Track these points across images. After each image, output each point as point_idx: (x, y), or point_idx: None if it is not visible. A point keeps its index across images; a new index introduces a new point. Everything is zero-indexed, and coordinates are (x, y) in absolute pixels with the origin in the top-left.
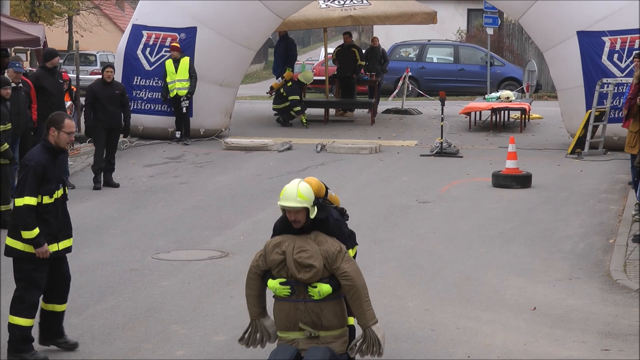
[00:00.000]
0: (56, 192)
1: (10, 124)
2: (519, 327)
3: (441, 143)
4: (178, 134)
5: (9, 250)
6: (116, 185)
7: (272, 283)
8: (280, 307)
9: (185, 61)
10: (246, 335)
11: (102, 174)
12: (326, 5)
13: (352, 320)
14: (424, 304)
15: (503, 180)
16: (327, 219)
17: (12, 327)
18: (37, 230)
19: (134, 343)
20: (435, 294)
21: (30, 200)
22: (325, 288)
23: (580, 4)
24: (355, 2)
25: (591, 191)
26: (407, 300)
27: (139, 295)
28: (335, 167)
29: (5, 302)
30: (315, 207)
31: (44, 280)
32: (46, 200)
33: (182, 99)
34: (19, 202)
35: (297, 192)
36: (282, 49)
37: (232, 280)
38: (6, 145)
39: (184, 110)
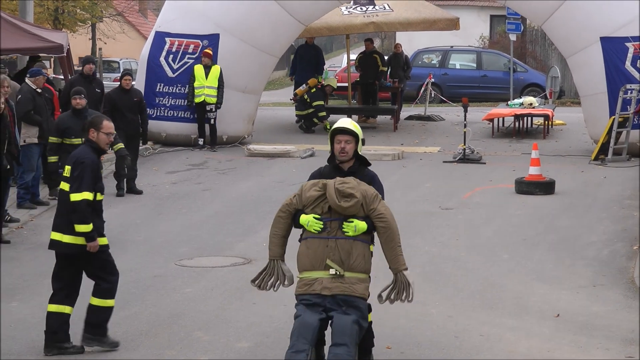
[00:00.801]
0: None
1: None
2: (542, 333)
3: (464, 149)
4: (201, 141)
5: (70, 247)
6: (139, 192)
7: (304, 217)
8: (308, 245)
9: (216, 69)
10: (259, 278)
11: (125, 180)
12: (348, 11)
13: (370, 317)
14: (447, 310)
15: (526, 187)
16: (367, 167)
17: (106, 310)
18: (92, 225)
19: (157, 350)
20: (459, 300)
21: (88, 195)
22: (361, 224)
23: (603, 9)
24: (377, 8)
25: (615, 197)
26: (430, 306)
27: (162, 302)
28: None
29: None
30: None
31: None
32: (99, 197)
33: (209, 109)
34: (78, 196)
35: (351, 122)
36: (312, 56)
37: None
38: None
39: (212, 121)
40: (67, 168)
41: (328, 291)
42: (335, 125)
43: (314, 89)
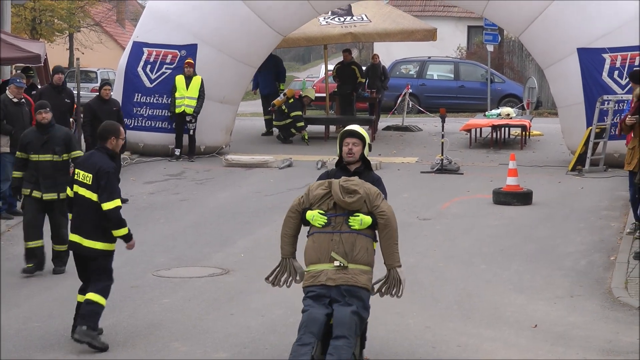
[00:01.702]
0: None
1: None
2: (519, 344)
3: (442, 160)
4: (177, 152)
5: (90, 251)
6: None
7: (310, 213)
8: (314, 239)
9: (197, 80)
10: (273, 274)
11: None
12: (326, 22)
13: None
14: (425, 321)
15: (504, 197)
16: (371, 170)
17: (99, 306)
18: (127, 228)
19: None
20: (436, 311)
21: (119, 202)
22: (366, 218)
23: (580, 21)
24: (355, 19)
25: (592, 208)
26: (407, 317)
27: (139, 312)
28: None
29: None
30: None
31: None
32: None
33: (188, 119)
34: (111, 204)
35: (359, 127)
36: (271, 65)
37: (232, 298)
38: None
39: (191, 132)
40: (83, 174)
41: (332, 282)
42: (344, 129)
43: (292, 100)
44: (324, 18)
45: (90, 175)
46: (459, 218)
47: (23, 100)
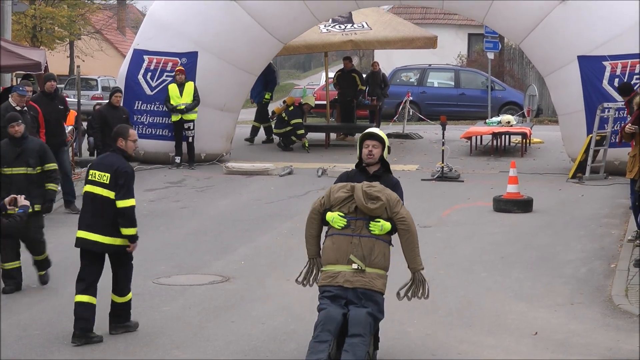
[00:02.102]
0: None
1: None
2: (520, 352)
3: (442, 167)
4: (178, 159)
5: (108, 247)
6: None
7: (330, 214)
8: (334, 241)
9: (190, 85)
10: (302, 275)
11: None
12: (327, 29)
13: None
14: (425, 328)
15: (504, 205)
16: (390, 172)
17: (128, 303)
18: (136, 229)
19: None
20: (437, 318)
21: (134, 202)
22: (386, 224)
23: (580, 28)
24: (356, 27)
25: (592, 216)
26: (408, 325)
27: (139, 320)
28: None
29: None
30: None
31: None
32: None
33: (187, 127)
34: (126, 203)
35: (379, 130)
36: (261, 74)
37: (233, 305)
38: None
39: (190, 139)
40: (99, 174)
41: (350, 284)
42: (367, 130)
43: (292, 107)
44: (325, 26)
45: (108, 174)
46: (459, 225)
47: (25, 108)
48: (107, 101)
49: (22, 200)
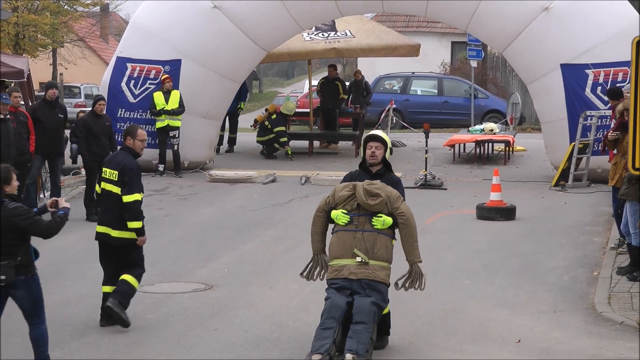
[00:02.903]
0: None
1: None
2: (503, 359)
3: (425, 175)
4: (161, 167)
5: (120, 240)
6: None
7: (334, 212)
8: (339, 236)
9: (176, 94)
10: (307, 270)
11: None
12: (310, 37)
13: (386, 310)
14: (408, 337)
15: (487, 213)
16: (391, 172)
17: (133, 289)
18: (142, 222)
19: None
20: (420, 326)
21: (139, 197)
22: (388, 219)
23: (563, 37)
24: (339, 34)
25: (575, 223)
26: (391, 333)
27: (122, 328)
28: (319, 199)
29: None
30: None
31: None
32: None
33: (172, 134)
34: (131, 198)
35: (382, 132)
36: None
37: (216, 313)
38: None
39: (175, 147)
40: (110, 171)
41: (354, 276)
42: (368, 134)
43: (275, 115)
44: (308, 33)
45: (116, 172)
46: (442, 233)
47: (8, 116)
48: (91, 109)
49: (62, 202)
